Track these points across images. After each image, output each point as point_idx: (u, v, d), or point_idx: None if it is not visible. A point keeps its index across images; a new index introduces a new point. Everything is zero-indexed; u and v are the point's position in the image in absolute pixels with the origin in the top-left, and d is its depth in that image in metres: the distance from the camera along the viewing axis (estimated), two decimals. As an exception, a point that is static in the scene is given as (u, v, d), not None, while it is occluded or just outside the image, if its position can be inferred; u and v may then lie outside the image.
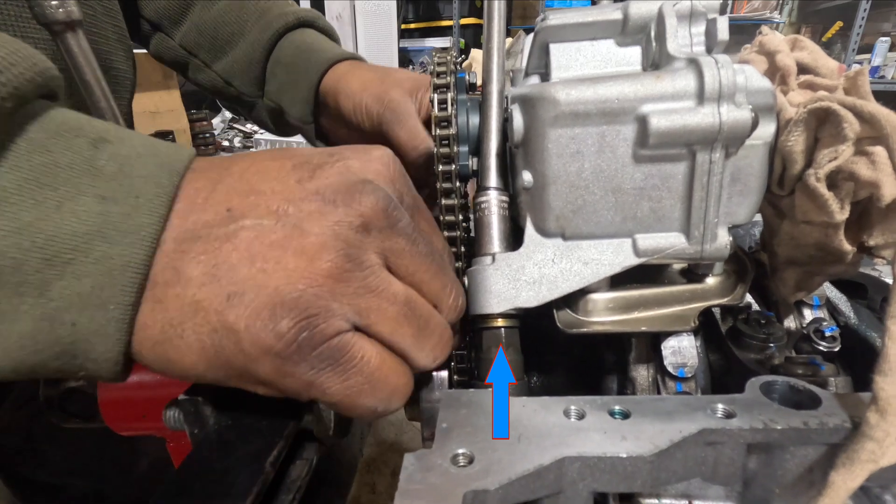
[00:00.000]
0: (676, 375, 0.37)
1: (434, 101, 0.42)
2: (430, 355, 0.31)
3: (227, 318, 0.26)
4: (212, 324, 0.26)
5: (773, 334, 0.42)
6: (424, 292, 0.31)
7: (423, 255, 0.31)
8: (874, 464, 0.23)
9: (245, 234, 0.26)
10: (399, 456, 0.26)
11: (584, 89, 0.32)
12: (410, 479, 0.23)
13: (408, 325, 0.29)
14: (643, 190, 0.33)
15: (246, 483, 0.31)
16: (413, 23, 3.54)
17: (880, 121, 0.27)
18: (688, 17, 0.34)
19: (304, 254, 0.26)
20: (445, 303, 0.33)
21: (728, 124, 0.30)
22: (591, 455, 0.24)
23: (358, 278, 0.27)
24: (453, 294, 0.33)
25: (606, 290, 0.37)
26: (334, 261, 0.26)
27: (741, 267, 0.39)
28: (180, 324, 0.26)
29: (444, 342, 0.32)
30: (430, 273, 0.31)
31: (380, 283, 0.28)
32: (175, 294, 0.26)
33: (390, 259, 0.29)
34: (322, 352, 0.26)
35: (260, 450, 0.33)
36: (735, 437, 0.25)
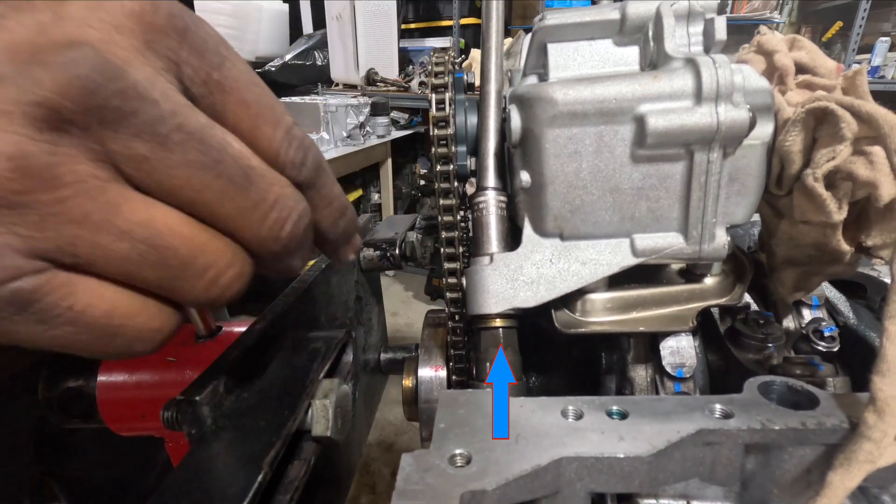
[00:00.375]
0: (675, 375, 0.37)
1: (432, 101, 0.42)
2: (203, 295, 0.24)
3: None
4: None
5: (771, 334, 0.42)
6: (206, 217, 0.23)
7: (193, 164, 0.22)
8: (872, 464, 0.23)
9: None
10: (398, 456, 0.26)
11: (581, 89, 0.32)
12: (408, 480, 0.23)
13: (151, 269, 0.22)
14: (641, 190, 0.33)
15: (243, 483, 0.31)
16: (413, 23, 3.54)
17: (878, 121, 0.27)
18: (686, 17, 0.34)
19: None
20: (248, 225, 0.24)
21: (726, 124, 0.30)
22: (588, 455, 0.24)
23: (44, 202, 0.19)
24: (261, 212, 0.24)
25: (604, 291, 0.37)
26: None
27: (739, 267, 0.39)
28: None
29: (220, 287, 0.24)
30: (211, 190, 0.22)
31: (91, 208, 0.20)
32: None
33: (128, 171, 0.21)
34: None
35: (257, 450, 0.33)
36: (733, 438, 0.25)
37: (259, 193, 0.23)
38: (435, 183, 0.42)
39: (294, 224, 0.25)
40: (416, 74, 3.15)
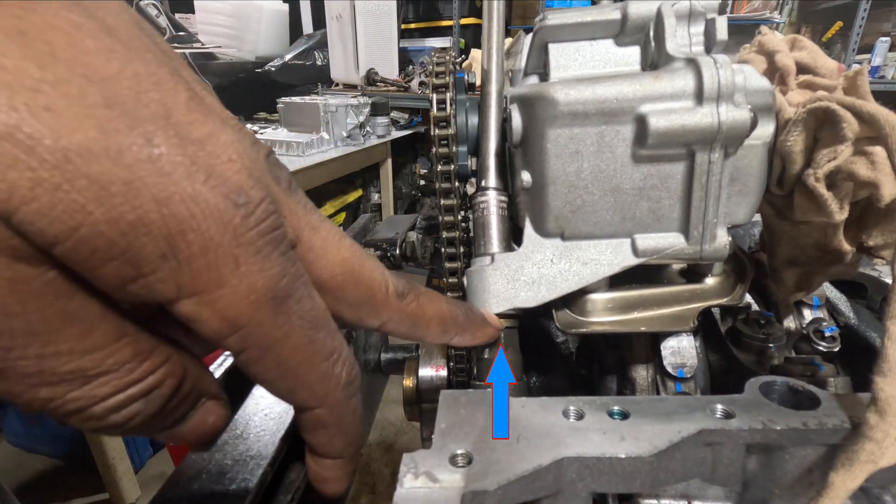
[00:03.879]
0: (676, 376, 0.37)
1: (433, 101, 0.42)
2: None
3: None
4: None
5: (772, 334, 0.42)
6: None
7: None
8: (873, 464, 0.23)
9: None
10: (398, 456, 0.26)
11: (582, 89, 0.32)
12: (409, 480, 0.23)
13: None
14: (642, 190, 0.33)
15: (244, 484, 0.31)
16: (413, 23, 3.54)
17: (879, 121, 0.27)
18: (687, 17, 0.34)
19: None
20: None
21: (727, 124, 0.30)
22: (589, 455, 0.24)
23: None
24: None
25: (605, 291, 0.37)
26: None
27: (740, 267, 0.39)
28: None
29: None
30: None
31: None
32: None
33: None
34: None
35: (258, 451, 0.33)
36: (734, 438, 0.25)
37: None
38: (435, 183, 0.42)
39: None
40: (416, 74, 3.15)
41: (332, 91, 3.22)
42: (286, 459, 0.37)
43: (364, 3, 2.99)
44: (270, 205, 0.19)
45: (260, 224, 0.19)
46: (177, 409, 0.22)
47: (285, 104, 2.44)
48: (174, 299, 0.18)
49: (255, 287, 0.19)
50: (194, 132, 0.18)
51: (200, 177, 0.17)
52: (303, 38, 3.41)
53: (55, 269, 0.16)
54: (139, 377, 0.19)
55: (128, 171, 0.16)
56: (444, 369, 0.45)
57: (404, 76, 3.23)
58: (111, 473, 1.62)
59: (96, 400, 0.18)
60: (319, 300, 0.22)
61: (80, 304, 0.17)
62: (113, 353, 0.18)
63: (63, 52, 0.16)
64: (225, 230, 0.18)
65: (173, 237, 0.17)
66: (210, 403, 0.23)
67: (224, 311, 0.18)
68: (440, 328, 0.30)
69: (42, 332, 0.17)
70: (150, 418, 0.20)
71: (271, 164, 0.22)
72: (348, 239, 0.25)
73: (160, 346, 0.20)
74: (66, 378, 0.18)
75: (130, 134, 0.16)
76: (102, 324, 0.18)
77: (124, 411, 0.19)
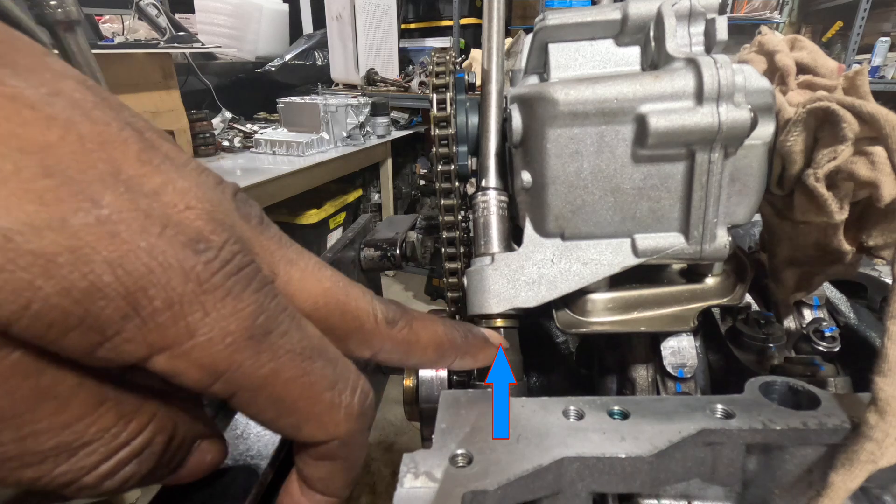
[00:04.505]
0: (676, 376, 0.37)
1: (433, 101, 0.42)
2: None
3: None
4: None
5: (772, 334, 0.42)
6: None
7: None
8: (873, 464, 0.23)
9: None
10: (398, 456, 0.26)
11: (582, 89, 0.32)
12: (409, 480, 0.23)
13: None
14: (642, 190, 0.33)
15: (244, 484, 0.31)
16: (413, 23, 3.53)
17: (879, 121, 0.27)
18: (687, 17, 0.34)
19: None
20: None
21: (727, 124, 0.30)
22: (589, 455, 0.24)
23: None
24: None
25: (606, 291, 0.37)
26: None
27: (740, 267, 0.39)
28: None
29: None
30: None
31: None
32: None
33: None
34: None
35: (258, 450, 0.33)
36: (734, 438, 0.25)
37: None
38: (435, 183, 0.42)
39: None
40: (416, 74, 3.15)
41: (332, 91, 3.22)
42: (286, 459, 0.37)
43: (364, 3, 2.99)
44: (235, 244, 0.19)
45: (225, 266, 0.18)
46: (173, 459, 0.21)
47: (285, 104, 2.44)
48: (146, 357, 0.17)
49: (229, 330, 0.18)
50: (146, 184, 0.17)
51: (155, 230, 0.17)
52: (303, 38, 3.41)
53: (19, 349, 0.16)
54: (126, 440, 0.19)
55: (73, 239, 0.15)
56: (443, 369, 0.45)
57: (404, 76, 3.23)
58: (111, 473, 1.62)
59: (86, 471, 0.18)
60: (312, 329, 0.21)
61: (52, 379, 0.17)
62: (94, 421, 0.18)
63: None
64: (187, 279, 0.17)
65: (132, 295, 0.16)
66: (205, 443, 0.23)
67: (200, 361, 0.18)
68: (436, 354, 0.28)
69: (15, 414, 0.16)
70: (146, 476, 0.20)
71: (239, 203, 0.21)
72: (329, 269, 0.24)
73: (145, 404, 0.20)
74: (50, 455, 0.17)
75: (74, 199, 0.16)
76: (80, 394, 0.17)
77: (118, 476, 0.19)
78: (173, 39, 2.07)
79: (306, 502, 0.25)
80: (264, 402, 0.20)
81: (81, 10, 1.92)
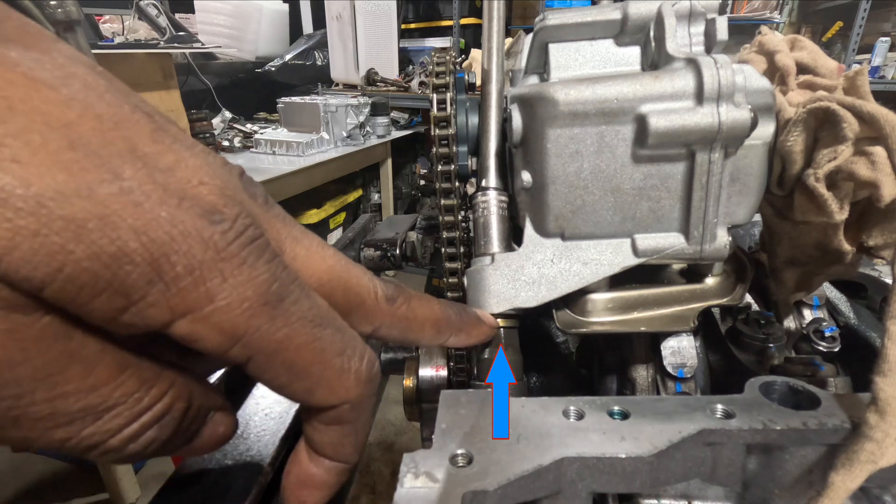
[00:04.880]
0: (676, 376, 0.37)
1: (433, 101, 0.42)
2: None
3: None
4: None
5: (772, 334, 0.42)
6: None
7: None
8: (873, 464, 0.23)
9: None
10: (398, 456, 0.26)
11: (582, 89, 0.32)
12: (409, 480, 0.23)
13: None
14: (642, 190, 0.33)
15: (244, 484, 0.31)
16: (413, 23, 3.54)
17: (879, 121, 0.27)
18: (687, 17, 0.34)
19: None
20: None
21: (727, 124, 0.30)
22: (590, 455, 0.24)
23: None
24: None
25: (606, 291, 0.37)
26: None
27: (740, 267, 0.39)
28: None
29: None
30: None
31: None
32: None
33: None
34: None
35: (258, 451, 0.33)
36: (734, 438, 0.25)
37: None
38: (435, 183, 0.42)
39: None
40: (416, 74, 3.15)
41: (332, 91, 3.22)
42: (286, 459, 0.37)
43: (364, 3, 2.99)
44: (247, 218, 0.20)
45: (240, 236, 0.19)
46: (189, 427, 0.22)
47: (285, 104, 2.44)
48: (169, 322, 0.18)
49: (246, 295, 0.19)
50: (161, 161, 0.18)
51: (174, 201, 0.18)
52: (303, 38, 3.41)
53: (50, 313, 0.17)
54: (148, 405, 0.20)
55: (102, 207, 0.16)
56: (444, 369, 0.45)
57: (404, 76, 3.23)
58: (111, 473, 1.62)
59: (112, 433, 0.19)
60: (320, 300, 0.22)
61: (79, 344, 0.18)
62: (118, 385, 0.19)
63: (22, 105, 0.16)
64: (206, 247, 0.18)
65: (157, 262, 0.17)
66: (218, 415, 0.24)
67: (220, 325, 0.19)
68: (433, 330, 0.30)
69: (47, 375, 0.17)
70: (167, 441, 0.21)
71: (245, 183, 0.22)
72: (332, 248, 0.26)
73: (164, 373, 0.21)
74: (78, 416, 0.18)
75: (99, 171, 0.17)
76: (104, 359, 0.18)
77: (141, 439, 0.20)
78: (173, 39, 2.07)
79: (315, 468, 0.26)
80: (279, 366, 0.21)
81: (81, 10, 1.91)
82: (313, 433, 0.25)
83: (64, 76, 0.18)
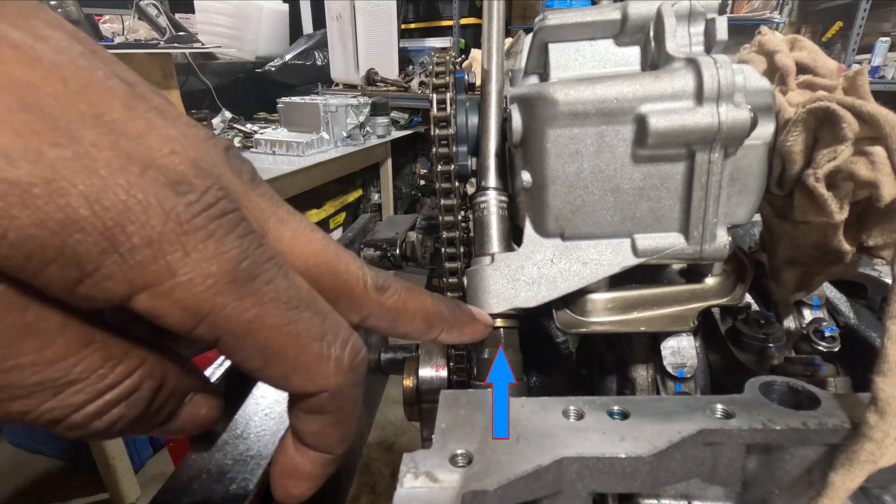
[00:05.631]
0: (676, 376, 0.37)
1: (433, 101, 0.42)
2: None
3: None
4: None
5: (772, 334, 0.42)
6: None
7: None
8: (873, 464, 0.23)
9: None
10: (398, 456, 0.26)
11: (582, 89, 0.32)
12: (409, 480, 0.23)
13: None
14: (642, 190, 0.33)
15: (244, 484, 0.31)
16: (413, 23, 3.54)
17: (879, 121, 0.27)
18: (687, 17, 0.34)
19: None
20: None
21: (727, 124, 0.30)
22: (589, 455, 0.24)
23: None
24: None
25: (605, 291, 0.37)
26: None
27: (740, 267, 0.39)
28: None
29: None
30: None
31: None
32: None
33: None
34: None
35: (258, 451, 0.33)
36: (734, 438, 0.25)
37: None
38: (435, 183, 0.42)
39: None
40: (416, 74, 3.15)
41: (332, 91, 3.22)
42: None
43: (364, 3, 2.99)
44: (219, 191, 0.19)
45: (208, 209, 0.18)
46: (162, 408, 0.21)
47: (285, 104, 2.44)
48: (128, 296, 0.17)
49: (211, 272, 0.18)
50: (130, 128, 0.18)
51: (135, 169, 0.17)
52: (303, 38, 3.41)
53: (2, 283, 0.16)
54: (113, 382, 0.19)
55: (49, 171, 0.16)
56: (444, 369, 0.45)
57: (404, 76, 3.23)
58: (111, 473, 1.62)
59: (73, 408, 0.18)
60: (300, 281, 0.21)
61: (35, 316, 0.17)
62: (79, 360, 0.18)
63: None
64: (167, 218, 0.17)
65: (110, 231, 0.16)
66: (199, 397, 0.23)
67: (182, 301, 0.18)
68: (424, 324, 0.29)
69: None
70: (135, 420, 0.20)
71: (231, 157, 0.21)
72: (321, 232, 0.24)
73: (133, 350, 0.20)
74: (35, 389, 0.17)
75: (51, 134, 0.16)
76: (65, 332, 0.18)
77: (105, 417, 0.19)
78: (173, 39, 2.07)
79: (300, 458, 0.25)
80: (250, 349, 0.20)
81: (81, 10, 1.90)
82: (296, 422, 0.24)
83: (33, 38, 0.17)
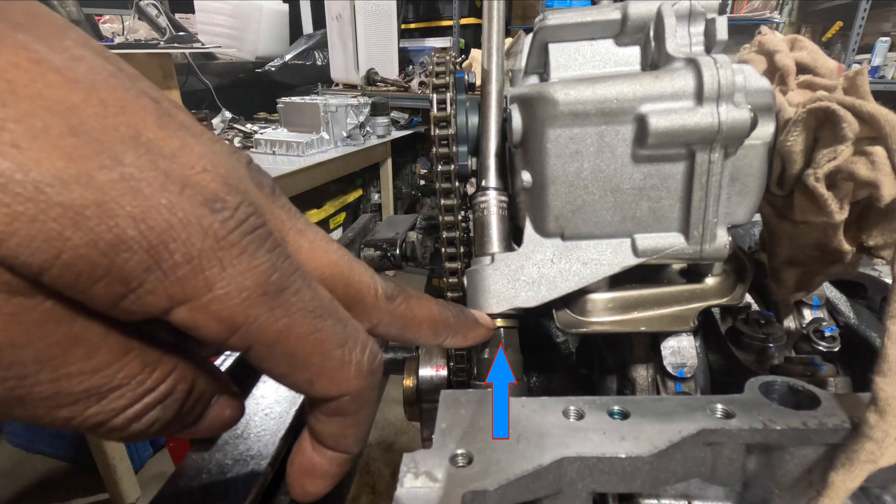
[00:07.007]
0: (676, 375, 0.37)
1: (433, 101, 0.42)
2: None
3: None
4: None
5: (772, 334, 0.42)
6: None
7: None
8: (873, 464, 0.23)
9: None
10: (398, 456, 0.26)
11: (582, 89, 0.32)
12: (409, 480, 0.23)
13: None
14: (642, 190, 0.33)
15: (244, 483, 0.31)
16: (413, 23, 3.54)
17: (879, 121, 0.27)
18: (687, 17, 0.34)
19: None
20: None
21: (727, 124, 0.30)
22: (590, 455, 0.24)
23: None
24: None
25: (606, 291, 0.37)
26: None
27: (740, 267, 0.39)
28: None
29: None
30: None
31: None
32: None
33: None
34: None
35: (258, 450, 0.33)
36: (734, 438, 0.25)
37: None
38: (435, 183, 0.42)
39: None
40: (416, 74, 3.16)
41: (332, 91, 3.22)
42: (286, 459, 0.37)
43: (364, 3, 2.99)
44: (249, 206, 0.20)
45: (240, 225, 0.19)
46: (193, 409, 0.23)
47: (285, 104, 2.44)
48: (168, 309, 0.18)
49: (245, 285, 0.19)
50: (166, 147, 0.18)
51: (175, 189, 0.18)
52: (303, 38, 3.41)
53: (51, 298, 0.17)
54: (151, 387, 0.20)
55: (100, 194, 0.16)
56: (444, 369, 0.45)
57: (404, 76, 3.23)
58: (111, 473, 1.62)
59: (115, 413, 0.20)
60: (322, 291, 0.22)
61: (81, 328, 0.18)
62: (121, 368, 0.19)
63: (24, 89, 0.16)
64: (205, 235, 0.18)
65: (154, 249, 0.17)
66: (224, 398, 0.24)
67: (219, 314, 0.19)
68: (430, 330, 0.30)
69: (50, 357, 0.17)
70: (170, 422, 0.22)
71: (252, 172, 0.22)
72: (335, 243, 0.26)
73: (167, 356, 0.21)
74: (82, 397, 0.19)
75: (99, 157, 0.17)
76: (107, 342, 0.19)
77: (144, 419, 0.20)
78: (173, 39, 2.07)
79: (318, 458, 0.26)
80: (279, 356, 0.21)
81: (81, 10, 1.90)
82: (316, 423, 0.25)
83: (70, 59, 0.18)
